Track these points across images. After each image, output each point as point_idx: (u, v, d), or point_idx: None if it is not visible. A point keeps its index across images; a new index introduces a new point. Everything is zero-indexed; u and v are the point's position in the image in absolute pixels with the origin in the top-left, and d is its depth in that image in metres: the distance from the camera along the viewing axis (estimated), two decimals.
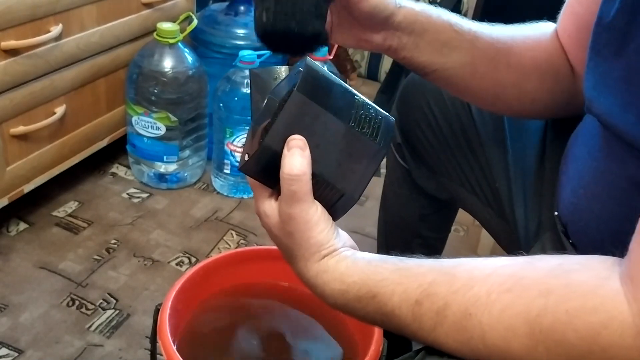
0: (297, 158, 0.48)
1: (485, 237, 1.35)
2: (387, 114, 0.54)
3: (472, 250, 1.39)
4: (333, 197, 0.51)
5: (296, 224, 0.50)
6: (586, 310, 0.40)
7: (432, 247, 1.02)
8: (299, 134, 0.48)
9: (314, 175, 0.49)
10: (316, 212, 0.50)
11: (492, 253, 1.36)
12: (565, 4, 0.69)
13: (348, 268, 0.50)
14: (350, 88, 0.52)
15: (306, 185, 0.49)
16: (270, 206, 0.52)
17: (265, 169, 0.50)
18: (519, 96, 0.70)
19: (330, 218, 0.51)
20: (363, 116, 0.51)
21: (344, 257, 0.50)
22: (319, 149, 0.49)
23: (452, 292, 0.46)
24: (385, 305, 0.48)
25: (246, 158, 0.51)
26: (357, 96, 0.52)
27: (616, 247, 0.44)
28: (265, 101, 0.52)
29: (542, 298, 0.42)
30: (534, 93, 0.70)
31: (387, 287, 0.48)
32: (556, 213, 0.42)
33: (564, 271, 0.44)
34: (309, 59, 0.49)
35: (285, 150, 0.48)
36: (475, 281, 0.46)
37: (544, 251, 0.53)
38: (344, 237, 0.53)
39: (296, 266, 0.52)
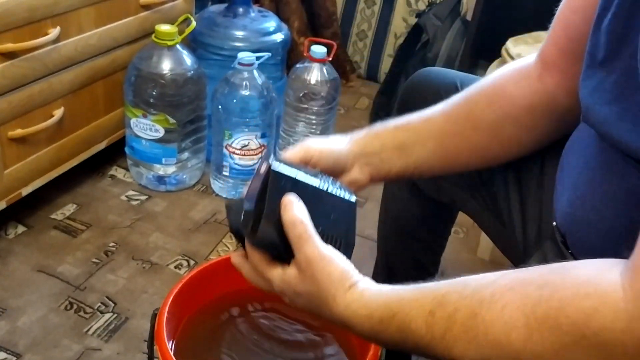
0: (293, 207, 0.55)
1: (485, 239, 1.35)
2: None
3: (472, 252, 1.39)
4: (336, 245, 0.57)
5: (315, 264, 0.53)
6: (579, 297, 0.41)
7: (432, 249, 1.02)
8: None
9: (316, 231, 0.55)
10: (328, 248, 0.54)
11: (492, 255, 1.35)
12: (556, 17, 0.68)
13: (372, 294, 0.52)
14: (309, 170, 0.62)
15: (309, 226, 0.54)
16: (281, 270, 0.56)
17: (272, 238, 0.56)
18: (502, 146, 0.71)
19: (345, 257, 0.55)
20: (328, 181, 0.61)
21: (368, 286, 0.53)
22: (309, 208, 0.56)
23: (462, 298, 0.48)
24: (403, 322, 0.50)
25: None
26: (319, 172, 0.63)
27: (616, 258, 0.44)
28: (244, 208, 0.60)
29: (538, 290, 0.44)
30: (517, 137, 0.70)
31: (405, 305, 0.50)
32: (555, 223, 0.43)
33: (564, 268, 0.45)
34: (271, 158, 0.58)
35: (282, 209, 0.55)
36: (484, 286, 0.48)
37: (545, 260, 0.53)
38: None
39: (326, 308, 0.54)
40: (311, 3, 2.04)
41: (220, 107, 1.39)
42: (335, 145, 0.69)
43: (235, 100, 1.37)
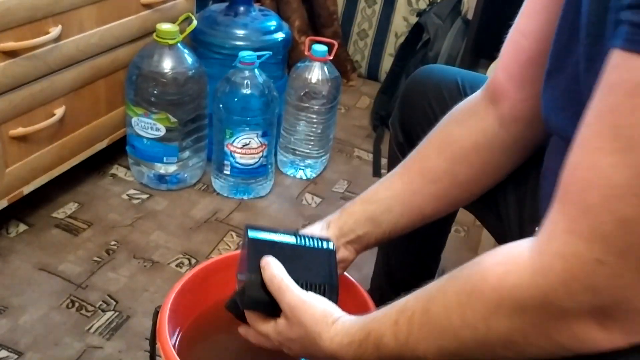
0: (270, 266, 0.64)
1: (486, 238, 1.35)
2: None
3: (472, 250, 1.39)
4: (320, 291, 0.64)
5: (297, 309, 0.60)
6: (495, 266, 0.48)
7: (433, 246, 1.02)
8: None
9: (298, 283, 0.63)
10: (307, 294, 0.62)
11: None
12: (505, 43, 0.69)
13: (351, 322, 0.58)
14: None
15: (285, 279, 0.62)
16: (274, 323, 0.63)
17: (259, 298, 0.65)
18: (461, 190, 0.73)
19: (325, 298, 0.62)
20: (304, 239, 0.69)
21: (346, 319, 0.59)
22: (288, 266, 0.64)
23: (417, 300, 0.53)
24: (376, 338, 0.54)
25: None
26: (295, 233, 0.70)
27: None
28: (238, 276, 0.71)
29: (468, 270, 0.50)
30: (474, 176, 0.73)
31: (377, 322, 0.55)
32: (536, 228, 0.46)
33: (493, 249, 0.51)
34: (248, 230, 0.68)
35: (262, 270, 0.64)
36: (433, 284, 0.53)
37: None
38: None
39: (317, 348, 0.59)
40: (312, 2, 2.05)
41: (221, 105, 1.39)
42: (317, 233, 0.74)
43: (236, 99, 1.37)
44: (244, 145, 1.41)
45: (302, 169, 1.61)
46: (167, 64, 1.34)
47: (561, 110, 0.57)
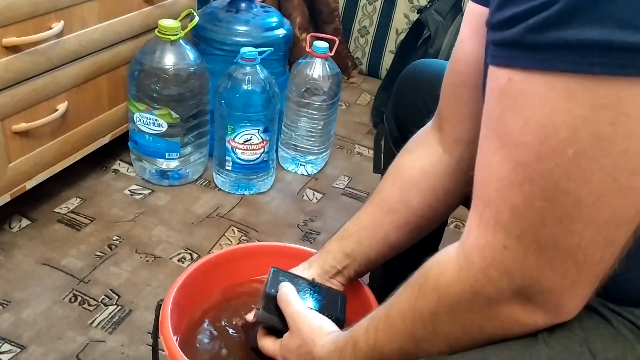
0: (284, 286, 0.71)
1: None
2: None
3: None
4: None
5: (297, 318, 0.66)
6: (433, 268, 0.53)
7: (430, 239, 1.03)
8: None
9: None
10: (307, 309, 0.68)
11: None
12: (445, 71, 0.72)
13: (340, 333, 0.63)
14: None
15: (292, 294, 0.69)
16: (276, 342, 0.69)
17: (271, 312, 0.71)
18: (417, 217, 0.76)
19: (326, 317, 0.67)
20: (319, 282, 0.77)
21: (338, 333, 0.64)
22: (302, 295, 0.72)
23: (383, 307, 0.58)
24: (353, 345, 0.59)
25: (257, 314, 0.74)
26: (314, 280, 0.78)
27: None
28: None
29: (416, 275, 0.55)
30: (426, 203, 0.75)
31: (355, 330, 0.60)
32: None
33: (436, 254, 0.55)
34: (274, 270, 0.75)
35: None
36: (396, 290, 0.57)
37: None
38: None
39: (310, 355, 0.63)
40: None
41: (222, 101, 1.39)
42: (300, 273, 0.78)
43: (237, 95, 1.38)
44: (245, 141, 1.41)
45: (303, 165, 1.61)
46: (169, 60, 1.35)
47: None
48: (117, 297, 1.14)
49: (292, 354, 0.66)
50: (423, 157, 0.75)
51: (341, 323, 0.71)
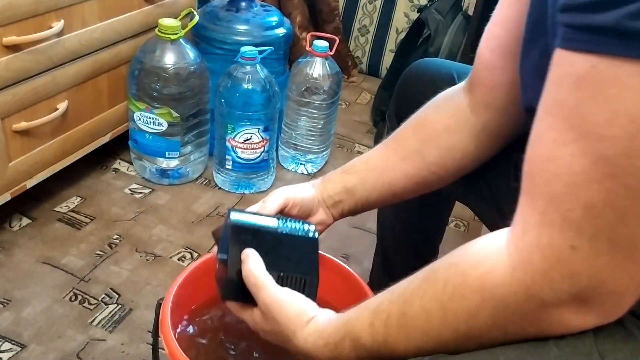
0: (249, 259, 0.63)
1: (486, 233, 1.35)
2: (306, 222, 0.70)
3: None
4: (299, 284, 0.64)
5: (272, 307, 0.60)
6: (475, 266, 0.48)
7: (431, 238, 1.03)
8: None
9: (277, 275, 0.63)
10: (282, 292, 0.61)
11: None
12: (483, 35, 0.71)
13: (324, 324, 0.58)
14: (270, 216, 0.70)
15: (261, 275, 0.61)
16: (251, 311, 0.64)
17: (238, 287, 0.64)
18: (429, 171, 0.75)
19: (302, 295, 0.61)
20: (288, 224, 0.68)
21: (321, 318, 0.59)
22: (269, 254, 0.64)
23: (391, 302, 0.54)
24: (352, 340, 0.55)
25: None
26: (278, 217, 0.70)
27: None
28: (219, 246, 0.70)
29: (445, 272, 0.51)
30: (441, 160, 0.74)
31: (351, 324, 0.56)
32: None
33: (465, 246, 0.51)
34: (231, 212, 0.68)
35: (241, 263, 0.63)
36: (405, 287, 0.54)
37: None
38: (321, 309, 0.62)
39: (291, 344, 0.59)
40: None
41: (223, 100, 1.39)
42: (303, 192, 0.76)
43: (238, 94, 1.38)
44: (245, 140, 1.41)
45: (303, 164, 1.61)
46: (169, 59, 1.35)
47: (530, 87, 0.57)
48: (117, 296, 1.15)
49: (269, 335, 0.63)
50: (450, 114, 0.73)
51: (314, 284, 0.66)
